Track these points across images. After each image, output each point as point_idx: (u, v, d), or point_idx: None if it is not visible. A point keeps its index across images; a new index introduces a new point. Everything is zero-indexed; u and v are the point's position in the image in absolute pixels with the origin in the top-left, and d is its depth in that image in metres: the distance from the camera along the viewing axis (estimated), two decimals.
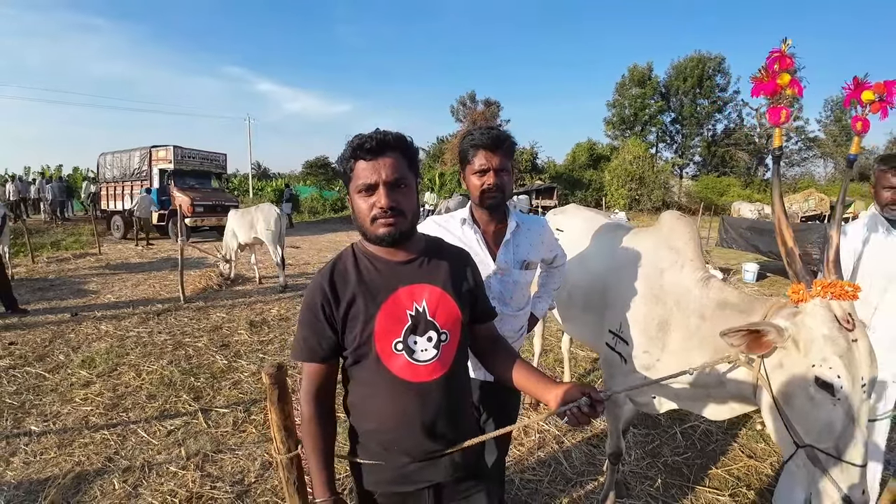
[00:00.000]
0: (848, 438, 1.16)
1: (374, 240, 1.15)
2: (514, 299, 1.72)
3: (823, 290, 1.23)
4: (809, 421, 1.21)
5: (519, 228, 1.70)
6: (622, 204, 26.88)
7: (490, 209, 1.63)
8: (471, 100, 44.03)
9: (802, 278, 1.29)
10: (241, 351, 4.63)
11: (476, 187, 1.60)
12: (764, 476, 2.78)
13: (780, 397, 1.27)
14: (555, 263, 1.97)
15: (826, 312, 1.21)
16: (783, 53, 1.30)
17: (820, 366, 1.17)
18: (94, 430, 3.14)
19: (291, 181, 36.31)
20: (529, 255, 1.72)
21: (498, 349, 1.35)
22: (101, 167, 16.11)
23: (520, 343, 1.84)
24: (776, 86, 1.31)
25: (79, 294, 6.95)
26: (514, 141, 1.63)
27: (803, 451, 1.22)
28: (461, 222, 1.68)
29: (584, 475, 2.72)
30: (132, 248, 12.08)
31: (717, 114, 38.59)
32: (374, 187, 1.11)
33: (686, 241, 1.84)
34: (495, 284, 1.66)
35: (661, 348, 1.80)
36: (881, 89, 1.29)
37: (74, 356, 4.42)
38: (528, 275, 1.75)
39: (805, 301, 1.26)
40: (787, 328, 1.25)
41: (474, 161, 1.58)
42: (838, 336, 1.18)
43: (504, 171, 1.58)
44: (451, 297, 1.19)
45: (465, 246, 1.61)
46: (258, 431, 3.13)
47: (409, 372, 1.14)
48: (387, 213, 1.10)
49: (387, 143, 1.11)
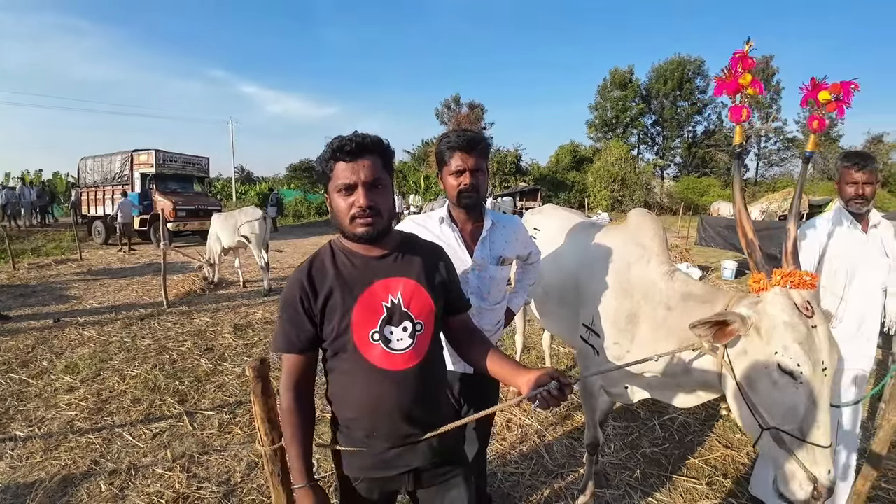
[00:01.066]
0: (811, 420, 1.22)
1: (352, 237, 1.22)
2: (491, 294, 1.79)
3: (783, 279, 1.30)
4: (773, 404, 1.26)
5: (495, 226, 1.78)
6: (605, 205, 27.25)
7: (467, 208, 1.70)
8: (455, 103, 44.22)
9: (762, 268, 1.37)
10: (226, 354, 4.62)
11: (453, 187, 1.67)
12: (740, 465, 2.87)
13: (744, 382, 1.34)
14: (529, 260, 2.04)
15: (786, 300, 1.27)
16: (745, 54, 1.38)
17: (782, 353, 1.23)
18: (80, 435, 3.13)
19: (275, 185, 36.06)
20: (505, 252, 1.79)
21: (473, 339, 1.41)
22: (81, 172, 15.87)
23: (497, 336, 1.92)
24: (738, 85, 1.39)
25: (61, 300, 6.86)
26: (488, 143, 1.71)
27: (768, 434, 1.27)
28: (439, 221, 1.75)
29: (566, 467, 2.80)
30: (114, 254, 11.91)
31: (697, 115, 39.37)
32: (352, 187, 1.17)
33: (652, 237, 1.93)
34: (473, 280, 1.74)
35: (630, 339, 1.88)
36: (837, 90, 1.37)
37: (58, 362, 4.38)
38: (504, 270, 1.82)
39: (766, 290, 1.33)
40: (750, 316, 1.32)
41: (451, 162, 1.65)
42: (798, 323, 1.24)
43: (479, 171, 1.65)
44: (425, 289, 1.26)
45: (444, 243, 1.67)
46: (244, 433, 3.15)
47: (386, 361, 1.20)
48: (365, 213, 1.17)
49: (365, 146, 1.17)
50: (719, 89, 1.44)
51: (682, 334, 1.64)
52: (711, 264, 10.17)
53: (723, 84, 1.43)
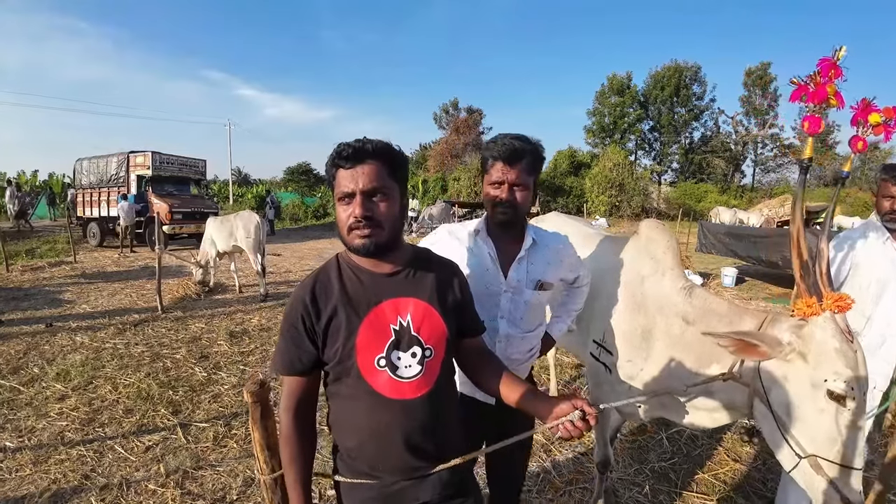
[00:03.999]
0: (852, 445, 1.18)
1: (351, 250, 1.14)
2: (524, 320, 1.59)
3: (834, 304, 1.23)
4: (817, 432, 1.21)
5: (535, 245, 1.58)
6: (602, 210, 27.22)
7: (500, 225, 1.52)
8: (454, 107, 44.32)
9: (814, 292, 1.28)
10: (221, 362, 4.52)
11: (489, 199, 1.50)
12: (750, 479, 2.80)
13: (781, 409, 1.27)
14: (576, 283, 1.81)
15: (835, 326, 1.21)
16: (835, 63, 1.25)
17: (834, 379, 1.17)
18: (71, 447, 3.03)
19: (272, 187, 35.94)
20: (545, 276, 1.59)
21: (485, 363, 1.32)
22: (77, 173, 15.72)
23: (528, 365, 1.72)
24: (825, 94, 1.25)
25: (54, 304, 6.74)
26: (539, 155, 1.49)
27: (806, 461, 1.22)
28: (474, 233, 1.58)
29: (574, 483, 2.72)
30: (108, 256, 11.78)
31: (694, 122, 39.55)
32: (351, 195, 1.09)
33: (665, 250, 1.84)
34: (505, 303, 1.55)
35: (644, 357, 1.80)
36: (890, 114, 1.28)
37: (49, 369, 4.27)
38: (543, 296, 1.61)
39: (817, 314, 1.25)
40: (793, 342, 1.25)
41: (491, 172, 1.48)
42: (847, 349, 1.18)
43: (520, 186, 1.46)
44: (437, 311, 1.17)
45: (476, 259, 1.55)
46: (239, 446, 3.05)
47: (393, 389, 1.11)
48: (361, 223, 1.08)
49: (365, 151, 1.09)
50: (797, 95, 1.29)
51: (699, 351, 1.57)
52: (711, 271, 10.13)
53: (804, 90, 1.28)
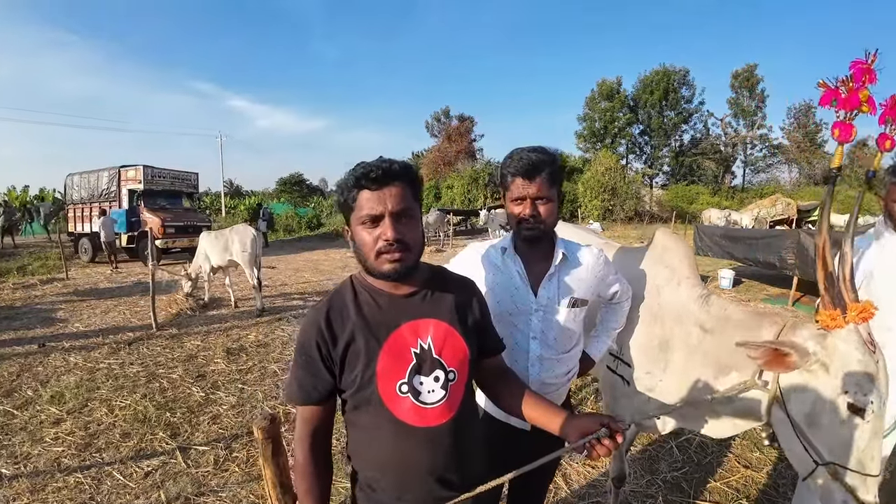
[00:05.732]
0: (869, 453, 1.17)
1: (377, 275, 1.08)
2: (558, 341, 1.51)
3: (858, 315, 1.20)
4: (836, 441, 1.20)
5: (566, 261, 1.51)
6: (596, 215, 27.34)
7: (527, 241, 1.47)
8: (445, 115, 44.56)
9: (839, 304, 1.24)
10: (219, 382, 4.42)
11: (513, 217, 1.45)
12: (762, 486, 2.77)
13: (801, 418, 1.25)
14: (615, 299, 1.72)
15: (858, 338, 1.19)
16: (869, 67, 1.19)
17: (855, 392, 1.16)
18: (68, 473, 2.93)
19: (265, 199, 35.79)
20: (578, 292, 1.51)
21: (506, 381, 1.28)
22: (68, 188, 15.61)
23: (564, 391, 1.62)
24: (857, 101, 1.20)
25: (46, 323, 6.62)
26: (557, 165, 1.44)
27: (823, 469, 1.21)
28: (501, 251, 1.52)
29: (586, 498, 2.66)
30: (101, 273, 11.64)
31: (684, 124, 39.84)
32: (378, 218, 1.04)
33: (680, 259, 1.82)
34: (536, 323, 1.48)
35: (663, 368, 1.76)
36: None
37: (43, 391, 4.17)
38: (577, 313, 1.53)
39: (841, 327, 1.22)
40: (817, 352, 1.23)
41: (511, 189, 1.43)
42: (870, 362, 1.17)
43: (543, 199, 1.41)
44: (458, 332, 1.12)
45: (506, 277, 1.50)
46: (242, 470, 2.96)
47: (416, 416, 1.06)
48: (393, 246, 1.03)
49: (392, 172, 1.04)
50: (827, 99, 1.22)
51: (719, 361, 1.54)
52: (709, 273, 10.16)
53: (834, 94, 1.21)
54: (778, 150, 38.46)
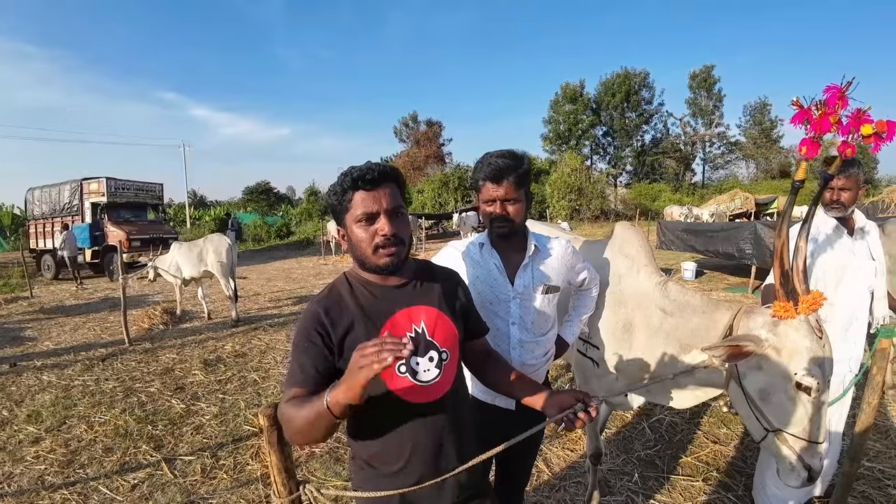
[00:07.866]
0: (815, 423, 1.32)
1: (374, 269, 1.18)
2: (535, 324, 1.66)
3: (808, 307, 1.34)
4: (784, 414, 1.36)
5: (538, 252, 1.66)
6: (564, 215, 27.91)
7: (501, 238, 1.63)
8: (413, 120, 44.64)
9: (791, 298, 1.38)
10: (199, 393, 4.40)
11: (486, 216, 1.61)
12: (730, 458, 2.99)
13: (755, 393, 1.41)
14: (584, 286, 1.88)
15: (808, 326, 1.34)
16: (843, 93, 1.26)
17: (803, 373, 1.31)
18: (53, 490, 2.90)
19: (231, 208, 34.99)
20: (550, 279, 1.67)
21: (491, 362, 1.40)
22: (29, 203, 15.03)
23: (544, 369, 1.77)
24: (828, 125, 1.28)
25: (15, 342, 6.42)
26: (524, 169, 1.57)
27: (773, 435, 1.37)
28: (479, 247, 1.68)
29: (567, 479, 2.81)
30: (66, 290, 11.22)
31: (645, 125, 41.26)
32: (374, 216, 1.14)
33: (638, 248, 1.97)
34: (514, 309, 1.63)
35: (628, 348, 1.91)
36: (882, 127, 1.30)
37: (18, 410, 4.08)
38: (550, 299, 1.69)
39: (793, 318, 1.36)
40: (768, 339, 1.38)
41: (482, 192, 1.59)
42: (817, 347, 1.32)
43: (511, 200, 1.56)
44: (447, 315, 1.24)
45: (484, 271, 1.64)
46: (230, 477, 2.98)
47: (414, 394, 1.16)
48: (390, 241, 1.14)
49: (385, 174, 1.15)
50: (799, 118, 1.30)
51: (680, 339, 1.69)
52: (672, 266, 10.59)
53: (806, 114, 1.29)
54: (735, 146, 40.16)
